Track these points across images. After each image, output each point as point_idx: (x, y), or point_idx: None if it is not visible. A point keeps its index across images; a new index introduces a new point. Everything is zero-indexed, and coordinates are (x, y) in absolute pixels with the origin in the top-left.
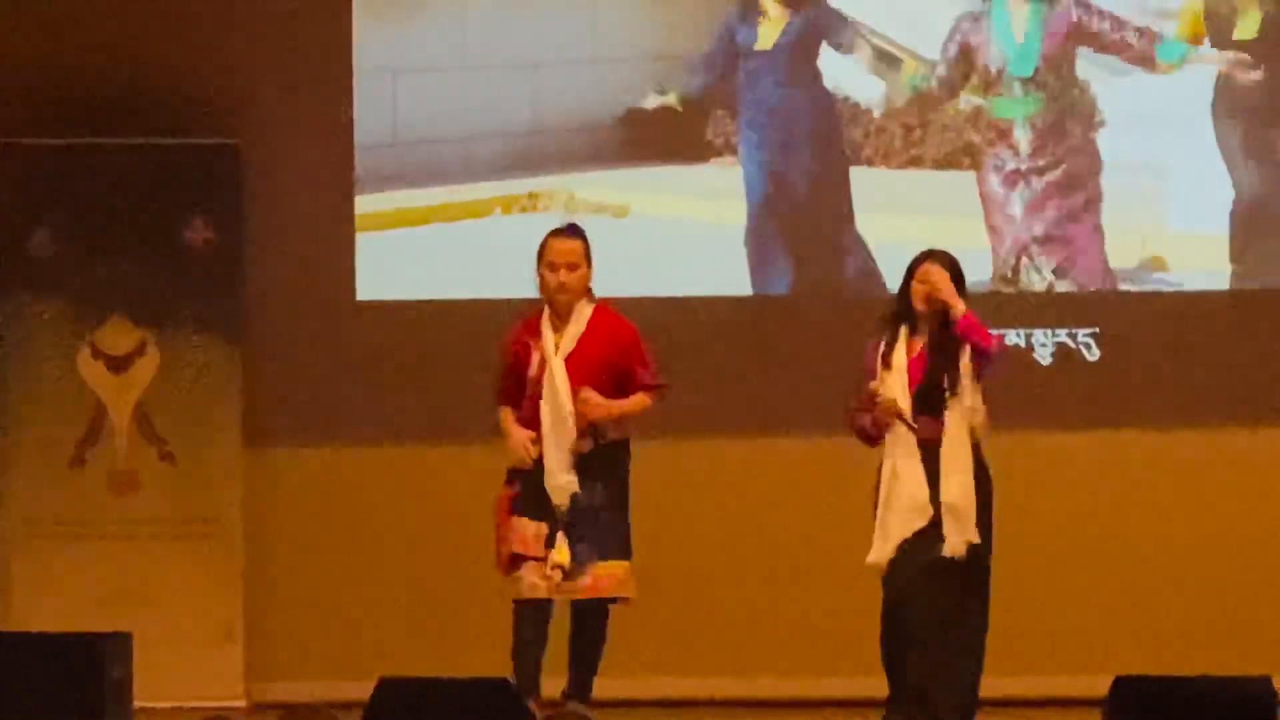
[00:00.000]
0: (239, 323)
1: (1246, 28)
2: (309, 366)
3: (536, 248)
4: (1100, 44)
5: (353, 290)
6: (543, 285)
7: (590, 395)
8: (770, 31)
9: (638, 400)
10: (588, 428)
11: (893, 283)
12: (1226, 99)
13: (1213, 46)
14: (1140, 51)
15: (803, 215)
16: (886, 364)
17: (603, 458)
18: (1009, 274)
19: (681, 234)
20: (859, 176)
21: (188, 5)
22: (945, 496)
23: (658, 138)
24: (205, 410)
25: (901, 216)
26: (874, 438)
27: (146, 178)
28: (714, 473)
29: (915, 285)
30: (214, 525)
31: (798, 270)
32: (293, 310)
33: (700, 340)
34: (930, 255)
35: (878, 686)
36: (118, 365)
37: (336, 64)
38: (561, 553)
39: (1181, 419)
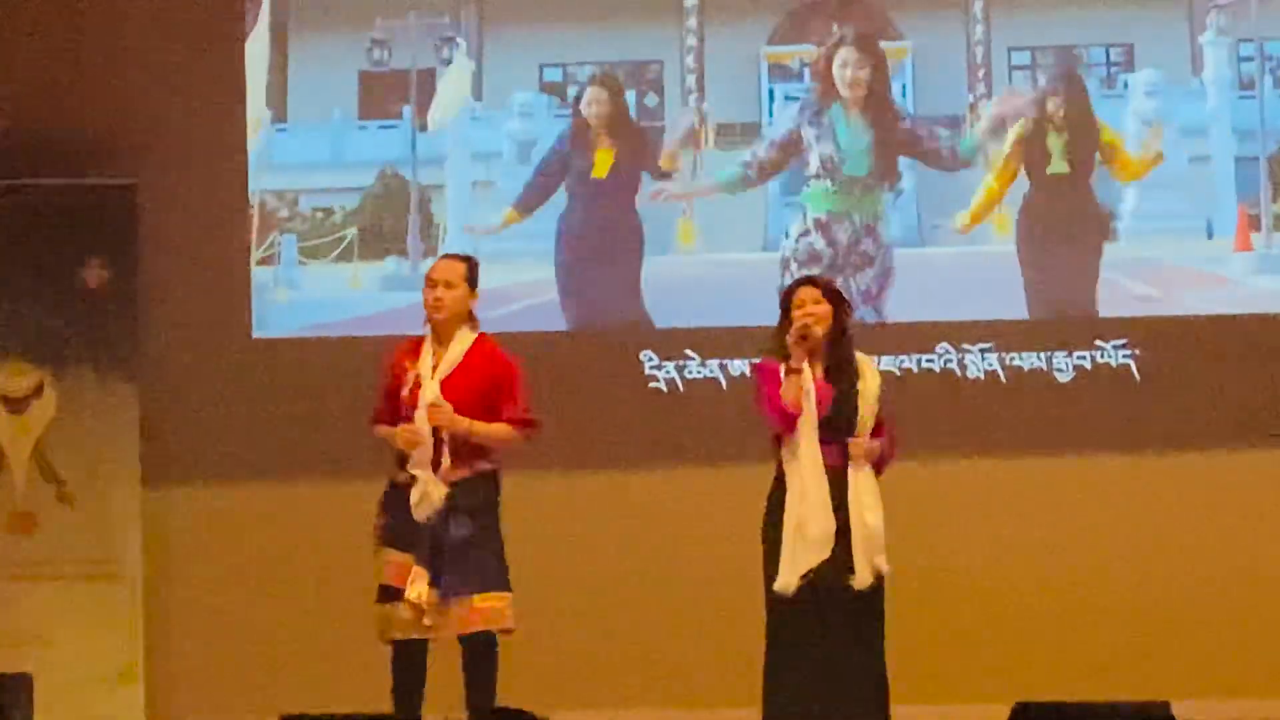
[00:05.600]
0: (136, 362)
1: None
2: (207, 405)
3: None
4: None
5: (248, 328)
6: (424, 304)
7: (441, 402)
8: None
9: (497, 428)
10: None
11: None
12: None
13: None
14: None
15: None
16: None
17: (472, 490)
18: None
19: None
20: None
21: (83, 46)
22: (863, 528)
23: None
24: (103, 450)
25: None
26: (792, 414)
27: (42, 218)
28: (616, 504)
29: (795, 313)
30: (113, 565)
31: None
32: (189, 349)
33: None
34: (806, 281)
35: None
36: (15, 406)
37: (231, 103)
38: (417, 588)
39: (1082, 446)
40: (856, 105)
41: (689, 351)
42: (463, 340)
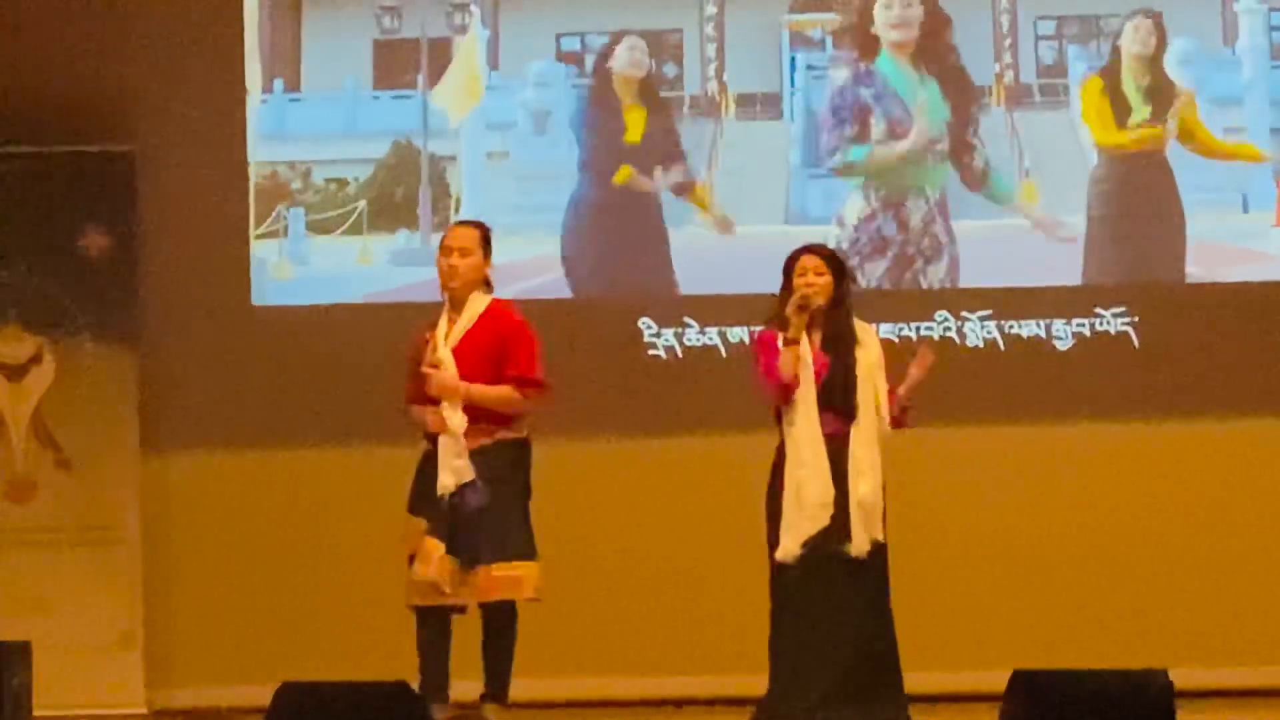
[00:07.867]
0: (135, 329)
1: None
2: (205, 372)
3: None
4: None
5: (248, 296)
6: (439, 273)
7: (433, 370)
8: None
9: (497, 390)
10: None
11: None
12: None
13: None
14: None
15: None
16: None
17: (492, 458)
18: None
19: None
20: None
21: (81, 13)
22: (856, 496)
23: None
24: (102, 417)
25: None
26: (788, 385)
27: (41, 185)
28: (614, 472)
29: (797, 281)
30: (112, 532)
31: None
32: (188, 316)
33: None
34: (807, 249)
35: None
36: (14, 373)
37: (232, 70)
38: (423, 561)
39: (1082, 414)
40: (906, 51)
41: (688, 319)
42: (475, 306)
